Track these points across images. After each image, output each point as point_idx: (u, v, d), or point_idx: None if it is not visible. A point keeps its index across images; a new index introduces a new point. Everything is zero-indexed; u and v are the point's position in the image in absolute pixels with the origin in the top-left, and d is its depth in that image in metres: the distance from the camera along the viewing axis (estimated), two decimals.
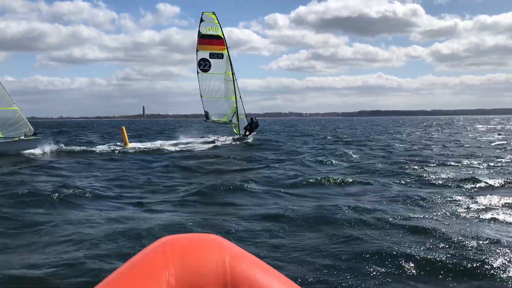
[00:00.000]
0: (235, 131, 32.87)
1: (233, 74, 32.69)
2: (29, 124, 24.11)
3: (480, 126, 74.64)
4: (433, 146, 28.36)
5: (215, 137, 31.64)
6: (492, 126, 72.36)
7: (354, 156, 21.69)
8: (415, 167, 16.37)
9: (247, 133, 32.61)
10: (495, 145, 28.95)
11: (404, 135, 44.99)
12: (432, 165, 17.27)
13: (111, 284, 1.28)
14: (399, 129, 65.72)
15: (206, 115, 33.21)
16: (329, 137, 41.10)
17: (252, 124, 32.76)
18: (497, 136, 41.06)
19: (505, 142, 31.04)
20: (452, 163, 17.68)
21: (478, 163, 17.55)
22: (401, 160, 18.97)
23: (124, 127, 30.04)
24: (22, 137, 23.54)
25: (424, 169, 15.73)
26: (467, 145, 28.76)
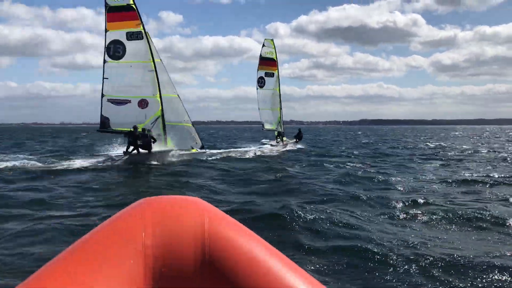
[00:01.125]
0: (279, 138, 36.84)
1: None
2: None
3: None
4: None
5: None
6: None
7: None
8: None
9: (296, 140, 38.20)
10: None
11: None
12: None
13: (83, 246, 1.20)
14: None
15: (263, 124, 37.95)
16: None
17: (300, 134, 38.87)
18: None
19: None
20: None
21: None
22: None
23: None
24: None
25: None
26: None
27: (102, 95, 22.69)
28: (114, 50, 22.46)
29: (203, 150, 24.41)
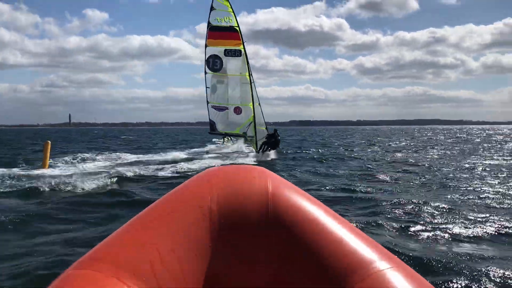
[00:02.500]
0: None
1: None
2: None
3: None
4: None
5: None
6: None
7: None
8: None
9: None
10: None
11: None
12: None
13: (152, 212, 1.29)
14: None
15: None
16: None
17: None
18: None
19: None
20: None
21: None
22: None
23: (49, 142, 20.32)
24: None
25: None
26: None
27: (207, 102, 26.07)
28: (213, 64, 25.75)
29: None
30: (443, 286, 5.59)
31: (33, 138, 69.87)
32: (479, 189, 13.35)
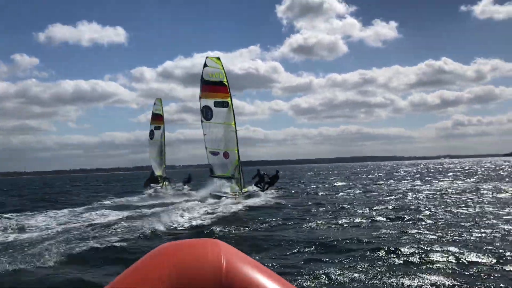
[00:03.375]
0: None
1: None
2: None
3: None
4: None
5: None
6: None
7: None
8: None
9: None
10: None
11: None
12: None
13: None
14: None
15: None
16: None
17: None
18: None
19: None
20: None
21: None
22: None
23: None
24: None
25: None
26: None
27: (206, 148, 29.20)
28: (206, 113, 29.23)
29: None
30: None
31: None
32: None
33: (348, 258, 10.62)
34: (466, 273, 9.06)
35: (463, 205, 20.86)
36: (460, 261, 9.91)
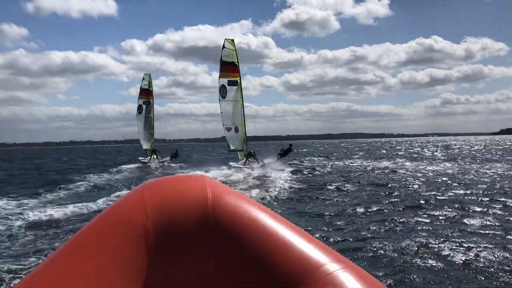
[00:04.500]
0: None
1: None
2: None
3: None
4: None
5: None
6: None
7: None
8: None
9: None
10: None
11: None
12: None
13: (83, 237, 1.21)
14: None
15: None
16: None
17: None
18: None
19: None
20: None
21: None
22: None
23: None
24: None
25: None
26: None
27: (223, 125, 32.07)
28: (222, 92, 31.90)
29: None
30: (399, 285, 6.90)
31: None
32: None
33: None
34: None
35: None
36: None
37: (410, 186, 19.88)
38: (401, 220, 11.94)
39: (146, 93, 45.13)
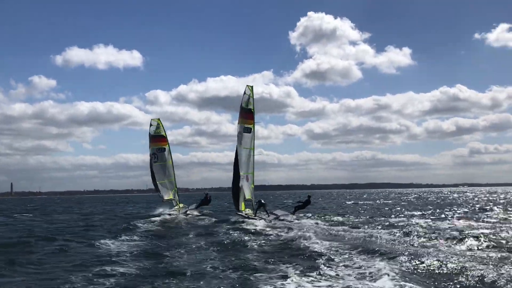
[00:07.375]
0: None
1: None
2: None
3: None
4: None
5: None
6: None
7: None
8: None
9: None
10: None
11: None
12: None
13: None
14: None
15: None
16: None
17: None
18: None
19: None
20: None
21: None
22: None
23: None
24: None
25: None
26: None
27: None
28: (240, 139, 31.14)
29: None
30: None
31: None
32: None
33: None
34: None
35: None
36: None
37: None
38: None
39: (159, 140, 40.63)
